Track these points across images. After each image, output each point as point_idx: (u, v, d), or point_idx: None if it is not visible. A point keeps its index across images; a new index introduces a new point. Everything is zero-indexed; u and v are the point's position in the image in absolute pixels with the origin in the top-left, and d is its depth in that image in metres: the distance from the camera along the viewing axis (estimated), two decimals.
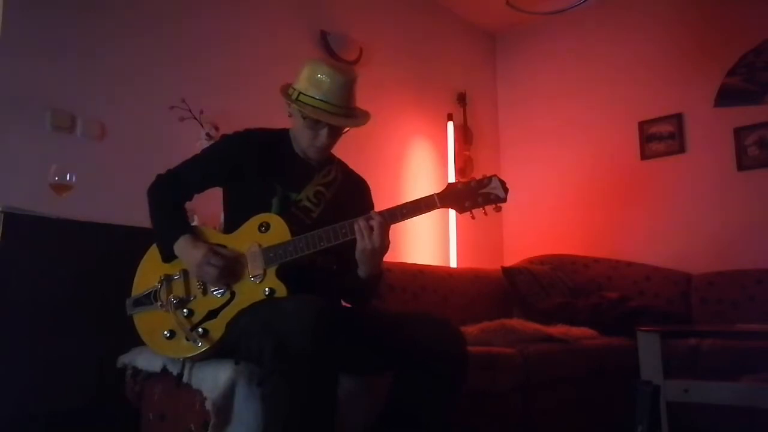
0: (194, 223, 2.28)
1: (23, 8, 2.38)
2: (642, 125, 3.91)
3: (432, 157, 4.11)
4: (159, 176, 1.77)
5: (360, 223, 1.55)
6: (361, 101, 1.75)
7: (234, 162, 1.72)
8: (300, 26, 3.40)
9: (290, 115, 1.73)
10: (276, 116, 1.92)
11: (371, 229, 1.54)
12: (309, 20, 3.44)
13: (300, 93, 1.65)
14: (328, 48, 3.46)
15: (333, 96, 1.63)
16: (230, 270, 1.60)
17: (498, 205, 1.61)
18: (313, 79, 1.64)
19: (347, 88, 1.65)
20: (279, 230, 1.62)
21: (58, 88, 2.45)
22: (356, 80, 1.68)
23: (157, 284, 1.66)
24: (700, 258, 3.54)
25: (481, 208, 1.60)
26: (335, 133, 1.71)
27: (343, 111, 1.65)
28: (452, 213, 4.03)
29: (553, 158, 4.29)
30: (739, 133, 3.53)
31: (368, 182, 1.92)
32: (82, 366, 1.95)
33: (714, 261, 3.47)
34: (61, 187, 2.13)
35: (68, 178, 2.14)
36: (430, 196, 1.60)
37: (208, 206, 2.07)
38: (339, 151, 1.87)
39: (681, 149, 3.76)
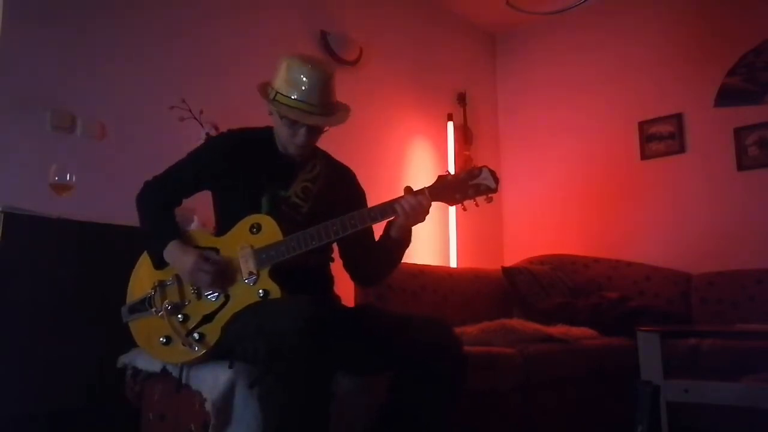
0: (194, 224, 2.28)
1: (23, 8, 2.38)
2: (642, 125, 3.91)
3: (432, 157, 4.11)
4: (146, 183, 1.78)
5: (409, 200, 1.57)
6: (361, 101, 1.76)
7: (219, 165, 1.72)
8: (300, 26, 3.40)
9: (270, 114, 1.72)
10: None
11: (421, 204, 1.57)
12: (309, 20, 3.44)
13: (277, 92, 1.63)
14: (328, 48, 3.46)
15: (310, 95, 1.61)
16: (222, 274, 1.60)
17: (489, 196, 1.58)
18: (289, 78, 1.62)
19: (324, 85, 1.63)
20: (270, 231, 1.61)
21: (58, 88, 2.45)
22: (333, 75, 1.67)
23: (151, 291, 1.65)
24: (700, 258, 3.54)
25: (473, 200, 1.58)
26: (314, 132, 1.69)
27: (321, 109, 1.63)
28: (452, 212, 4.03)
29: (553, 158, 4.29)
30: (739, 133, 3.52)
31: (368, 182, 1.92)
32: (82, 366, 1.95)
33: (714, 261, 3.46)
34: (61, 187, 2.13)
35: (68, 178, 2.14)
36: (421, 190, 1.59)
37: (207, 206, 2.06)
38: (339, 150, 1.87)
39: (681, 149, 3.76)
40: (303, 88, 1.61)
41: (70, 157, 2.30)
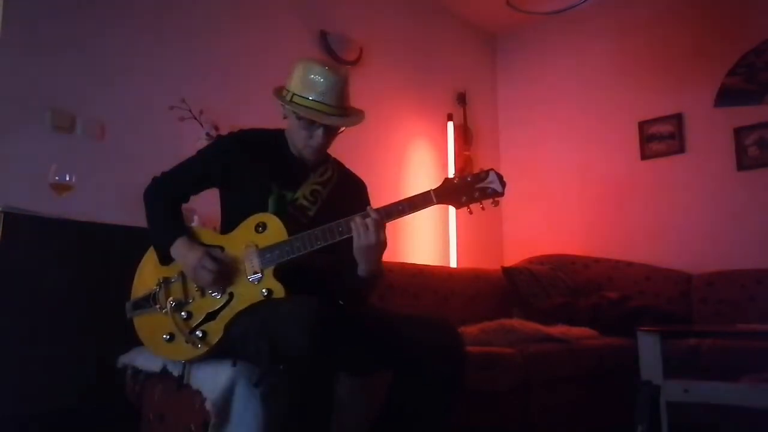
0: (194, 224, 2.28)
1: (23, 7, 2.38)
2: (642, 125, 3.91)
3: (432, 157, 4.11)
4: (155, 179, 1.78)
5: (357, 220, 1.54)
6: (361, 101, 1.75)
7: (228, 163, 1.72)
8: (300, 26, 3.40)
9: (285, 117, 1.74)
10: (277, 116, 1.92)
11: (366, 226, 1.54)
12: (309, 20, 3.44)
13: (294, 94, 1.65)
14: (328, 48, 3.46)
15: (327, 96, 1.62)
16: (225, 273, 1.60)
17: (496, 199, 1.57)
18: (306, 79, 1.64)
19: (341, 88, 1.65)
20: (276, 230, 1.61)
21: (58, 88, 2.45)
22: (349, 79, 1.68)
23: (155, 287, 1.66)
24: (700, 258, 3.54)
25: (479, 203, 1.58)
26: (331, 133, 1.71)
27: (338, 111, 1.65)
28: (452, 213, 4.02)
29: (553, 158, 4.29)
30: (739, 133, 3.53)
31: (368, 182, 1.92)
32: (82, 366, 1.95)
33: (714, 261, 3.47)
34: (61, 187, 2.13)
35: (68, 178, 2.14)
36: (427, 192, 1.58)
37: (208, 207, 2.07)
38: (339, 150, 1.87)
39: (681, 149, 3.76)
40: (321, 89, 1.62)
41: (70, 157, 2.30)
